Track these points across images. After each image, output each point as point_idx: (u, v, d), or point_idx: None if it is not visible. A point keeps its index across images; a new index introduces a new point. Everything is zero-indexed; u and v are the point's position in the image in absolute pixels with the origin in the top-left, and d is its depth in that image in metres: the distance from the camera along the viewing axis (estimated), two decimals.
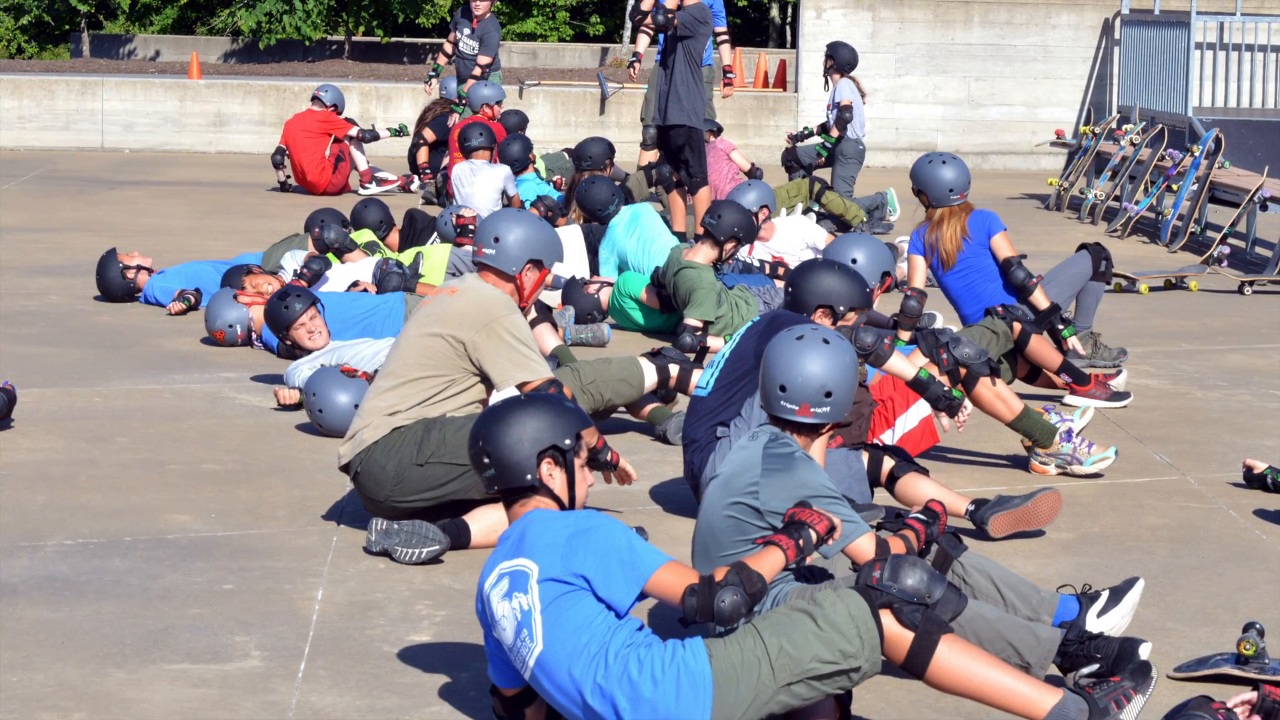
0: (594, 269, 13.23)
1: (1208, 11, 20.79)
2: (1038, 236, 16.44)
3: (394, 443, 7.59)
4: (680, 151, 14.81)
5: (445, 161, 17.93)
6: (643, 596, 5.46)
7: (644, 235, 12.92)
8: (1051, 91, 22.99)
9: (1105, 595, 6.50)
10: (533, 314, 10.32)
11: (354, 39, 31.93)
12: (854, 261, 8.60)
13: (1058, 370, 9.99)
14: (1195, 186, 16.60)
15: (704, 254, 11.60)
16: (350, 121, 19.71)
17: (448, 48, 19.71)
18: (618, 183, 15.26)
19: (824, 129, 17.85)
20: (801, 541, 5.68)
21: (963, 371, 8.54)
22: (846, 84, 17.64)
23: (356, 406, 8.43)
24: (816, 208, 16.10)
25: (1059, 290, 10.75)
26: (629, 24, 28.77)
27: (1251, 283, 14.42)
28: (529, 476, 5.66)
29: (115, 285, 12.97)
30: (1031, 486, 8.26)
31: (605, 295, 12.47)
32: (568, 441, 5.71)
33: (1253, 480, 8.59)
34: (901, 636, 5.44)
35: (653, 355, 9.47)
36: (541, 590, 5.42)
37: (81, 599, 6.95)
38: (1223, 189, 16.48)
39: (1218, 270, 14.77)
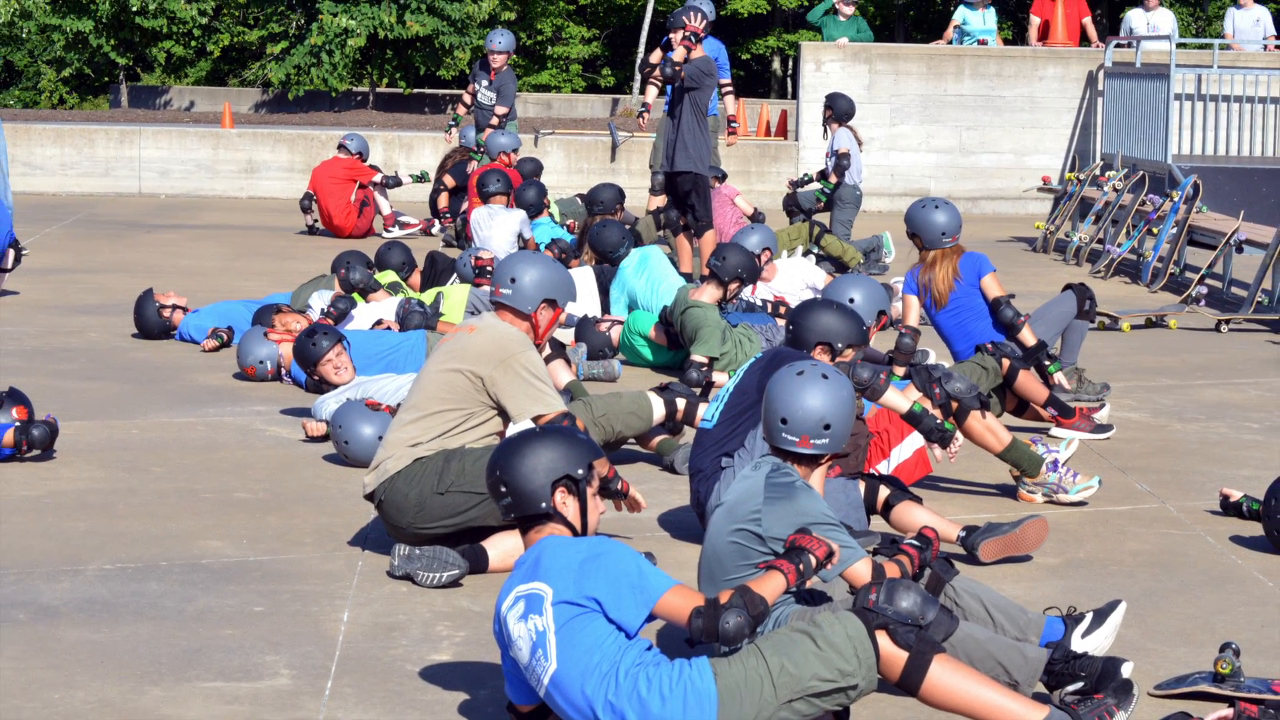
0: (605, 308, 13.25)
1: (1186, 64, 20.83)
2: (1025, 277, 16.45)
3: (416, 472, 7.60)
4: (687, 197, 14.84)
5: (464, 206, 17.95)
6: (651, 618, 5.47)
7: (652, 276, 12.94)
8: (1038, 140, 23.01)
9: (1089, 617, 6.51)
10: (547, 350, 10.33)
11: (378, 90, 31.98)
12: (851, 301, 8.63)
13: (1044, 404, 10.00)
14: (1174, 230, 16.61)
15: (709, 294, 11.62)
16: (374, 168, 19.74)
17: (467, 98, 19.76)
18: (628, 226, 15.28)
19: (823, 175, 17.87)
20: (802, 566, 5.69)
21: (954, 405, 8.55)
22: (844, 133, 17.67)
23: (380, 438, 8.44)
24: (816, 250, 16.11)
25: (1045, 328, 10.76)
26: (638, 76, 28.80)
27: (1228, 321, 14.42)
28: (544, 504, 5.68)
29: (152, 323, 12.99)
30: (1020, 514, 8.27)
31: (616, 333, 12.49)
32: (580, 471, 5.72)
33: (1229, 508, 8.59)
34: (896, 656, 5.45)
35: (661, 390, 9.48)
36: (556, 612, 5.43)
37: (120, 620, 6.97)
38: (1201, 232, 16.49)
39: (1196, 309, 14.77)
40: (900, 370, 9.45)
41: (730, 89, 17.34)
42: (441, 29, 29.77)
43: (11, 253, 14.74)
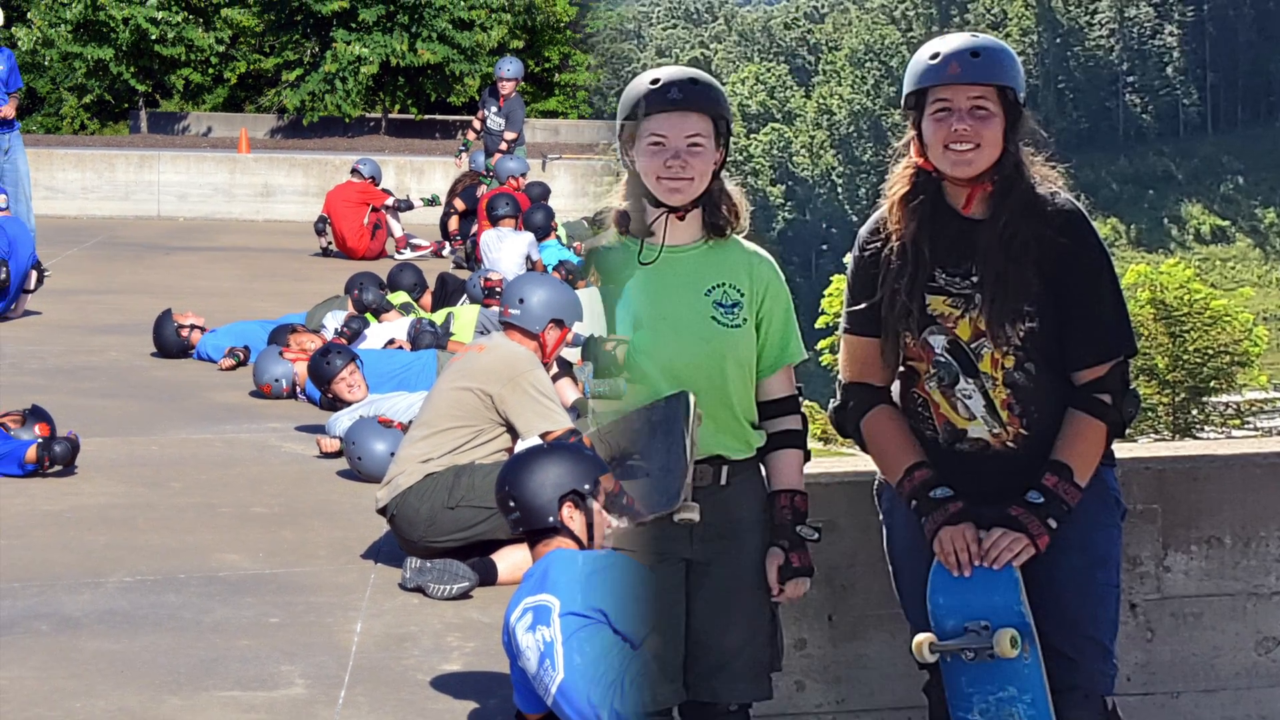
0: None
1: None
2: None
3: (427, 488, 7.61)
4: None
5: (474, 229, 17.98)
6: None
7: None
8: None
9: None
10: (555, 369, 10.35)
11: (390, 116, 32.05)
12: None
13: None
14: None
15: None
16: (387, 192, 19.78)
17: (476, 124, 19.80)
18: None
19: None
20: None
21: None
22: None
23: (393, 454, 8.45)
24: None
25: None
26: None
27: None
28: (551, 519, 5.68)
29: (171, 343, 13.01)
30: None
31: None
32: (587, 486, 5.73)
33: None
34: None
35: None
36: (563, 623, 5.43)
37: (139, 631, 6.98)
38: None
39: None
40: None
41: None
42: (452, 57, 29.86)
43: (34, 274, 14.78)
